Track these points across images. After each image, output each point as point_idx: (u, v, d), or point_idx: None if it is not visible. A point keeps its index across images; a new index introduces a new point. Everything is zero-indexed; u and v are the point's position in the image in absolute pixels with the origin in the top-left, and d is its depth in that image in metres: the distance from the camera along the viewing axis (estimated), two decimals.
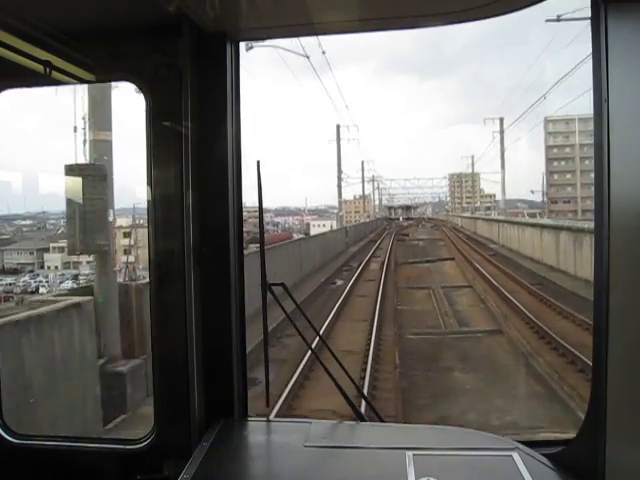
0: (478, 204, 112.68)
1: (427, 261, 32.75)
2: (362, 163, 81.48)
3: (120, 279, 12.28)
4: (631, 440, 1.89)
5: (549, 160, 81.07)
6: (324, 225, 73.91)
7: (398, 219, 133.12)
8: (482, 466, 2.10)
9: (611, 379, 1.86)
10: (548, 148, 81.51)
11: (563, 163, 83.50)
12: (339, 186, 74.96)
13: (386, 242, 52.07)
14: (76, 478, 2.49)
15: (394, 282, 24.56)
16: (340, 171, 66.57)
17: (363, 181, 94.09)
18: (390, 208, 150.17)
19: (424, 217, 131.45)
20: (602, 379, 1.87)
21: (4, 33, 2.18)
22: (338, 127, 56.62)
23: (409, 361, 12.90)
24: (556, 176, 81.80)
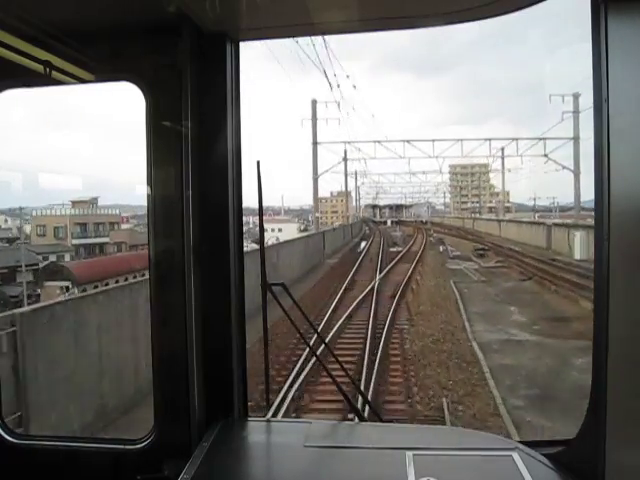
0: (493, 203, 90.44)
1: None
2: (355, 173, 72.12)
3: None
4: (631, 440, 1.89)
5: None
6: (280, 230, 55.17)
7: (385, 222, 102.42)
8: (482, 466, 2.09)
9: (611, 379, 1.86)
10: None
11: None
12: (347, 199, 71.22)
13: None
14: (76, 478, 2.49)
15: None
16: (347, 188, 63.11)
17: (357, 190, 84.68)
18: (374, 207, 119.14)
19: (422, 220, 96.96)
20: (602, 379, 1.87)
21: (4, 33, 2.18)
22: (345, 152, 52.98)
23: None
24: None
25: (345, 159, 55.26)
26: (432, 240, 53.04)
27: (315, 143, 45.95)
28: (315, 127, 45.43)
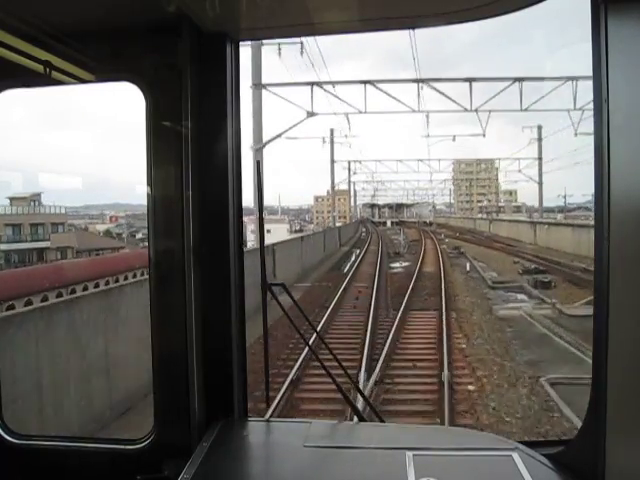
0: (502, 202, 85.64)
1: None
2: (349, 163, 69.84)
3: None
4: (631, 440, 1.88)
5: None
6: (269, 231, 35.00)
7: (384, 223, 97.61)
8: (482, 466, 2.09)
9: (611, 379, 1.85)
10: None
11: None
12: (334, 195, 67.46)
13: None
14: (76, 478, 2.49)
15: None
16: (333, 177, 59.31)
17: (350, 183, 79.97)
18: (373, 207, 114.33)
19: (425, 220, 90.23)
20: (602, 379, 1.87)
21: (4, 33, 2.18)
22: (332, 131, 49.14)
23: None
24: None
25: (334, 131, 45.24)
26: (446, 249, 38.81)
27: (258, 85, 25.70)
28: (259, 60, 25.53)
